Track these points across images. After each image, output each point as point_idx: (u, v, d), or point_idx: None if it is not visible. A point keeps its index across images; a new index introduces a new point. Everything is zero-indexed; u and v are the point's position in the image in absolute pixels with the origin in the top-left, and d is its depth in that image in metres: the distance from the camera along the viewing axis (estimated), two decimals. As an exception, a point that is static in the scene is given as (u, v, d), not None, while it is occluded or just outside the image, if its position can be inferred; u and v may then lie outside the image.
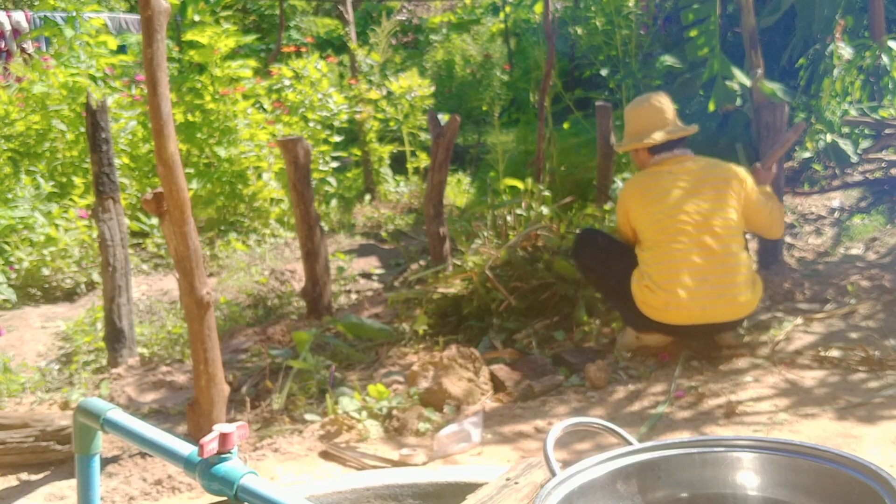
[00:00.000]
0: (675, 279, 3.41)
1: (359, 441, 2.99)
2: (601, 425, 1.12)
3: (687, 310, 3.42)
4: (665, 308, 3.44)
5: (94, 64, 6.61)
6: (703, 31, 5.67)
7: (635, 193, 3.60)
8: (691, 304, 3.40)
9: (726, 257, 3.43)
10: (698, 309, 3.42)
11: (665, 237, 3.47)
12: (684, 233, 3.43)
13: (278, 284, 5.26)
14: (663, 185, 3.55)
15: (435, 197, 4.76)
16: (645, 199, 3.55)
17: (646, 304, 3.48)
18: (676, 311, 3.43)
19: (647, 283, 3.46)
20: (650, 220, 3.52)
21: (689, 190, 3.50)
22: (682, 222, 3.44)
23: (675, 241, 3.44)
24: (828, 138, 5.66)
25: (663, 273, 3.44)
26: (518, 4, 9.89)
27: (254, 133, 6.59)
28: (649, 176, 3.62)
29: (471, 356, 3.46)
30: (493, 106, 8.02)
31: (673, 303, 3.41)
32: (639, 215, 3.56)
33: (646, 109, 3.66)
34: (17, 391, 3.72)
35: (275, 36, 10.64)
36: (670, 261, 3.44)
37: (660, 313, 3.47)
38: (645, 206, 3.55)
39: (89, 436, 1.22)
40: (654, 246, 3.49)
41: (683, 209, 3.46)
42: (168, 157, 2.72)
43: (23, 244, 5.31)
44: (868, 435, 2.72)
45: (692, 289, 3.39)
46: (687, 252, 3.42)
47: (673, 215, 3.46)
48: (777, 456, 0.98)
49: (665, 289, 3.42)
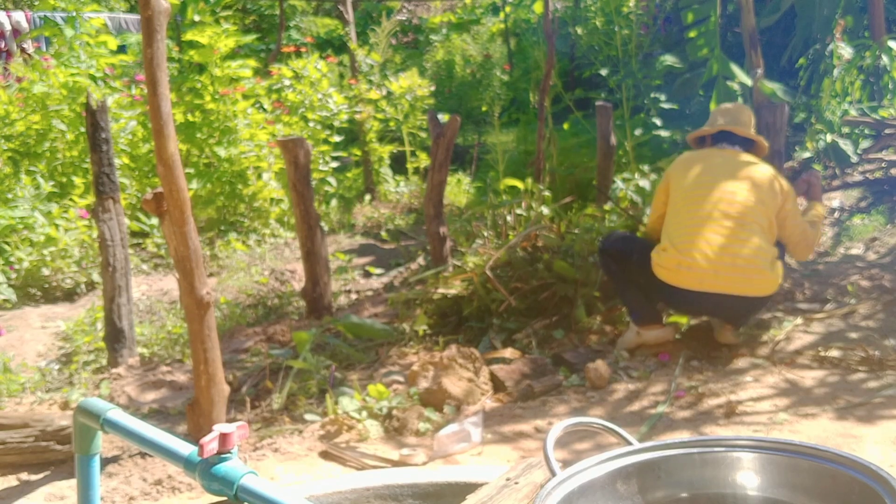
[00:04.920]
0: (693, 243, 3.46)
1: (359, 441, 2.99)
2: (601, 425, 1.12)
3: (699, 272, 3.44)
4: (677, 268, 3.48)
5: (94, 64, 6.61)
6: (702, 31, 5.67)
7: (682, 162, 3.75)
8: (705, 266, 3.43)
9: (747, 240, 3.46)
10: (711, 273, 3.43)
11: (694, 206, 3.55)
12: (714, 206, 3.51)
13: (278, 284, 5.26)
14: (710, 162, 3.67)
15: (435, 197, 4.76)
16: (688, 168, 3.69)
17: (659, 266, 3.53)
18: (688, 273, 3.46)
19: (666, 244, 3.53)
20: (686, 187, 3.62)
21: (732, 174, 3.60)
22: (714, 197, 3.53)
23: (702, 210, 3.52)
24: (828, 138, 5.66)
25: (683, 235, 3.50)
26: (518, 4, 9.90)
27: (254, 133, 6.59)
28: (701, 153, 3.78)
29: (471, 356, 3.46)
30: (493, 106, 8.01)
31: (685, 263, 3.46)
32: (678, 182, 3.67)
33: (727, 107, 3.90)
34: (17, 391, 3.72)
35: (275, 36, 10.64)
36: (693, 226, 3.51)
37: (672, 274, 3.50)
38: (686, 174, 3.67)
39: (89, 436, 1.22)
40: (682, 211, 3.58)
41: (719, 186, 3.55)
42: (168, 157, 2.72)
43: (23, 244, 5.31)
44: (868, 435, 2.72)
45: (708, 254, 3.44)
46: (710, 223, 3.48)
47: (708, 187, 3.56)
48: (777, 456, 0.98)
49: (681, 249, 3.47)
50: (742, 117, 3.79)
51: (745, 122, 3.78)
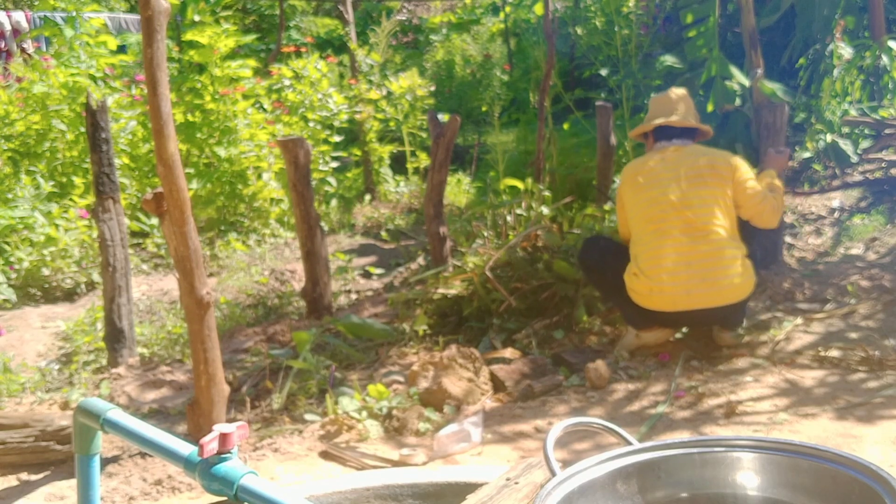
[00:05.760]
0: (658, 265, 3.44)
1: (359, 441, 2.99)
2: (601, 425, 1.12)
3: (671, 295, 3.44)
4: (649, 294, 3.47)
5: (94, 64, 6.61)
6: (702, 31, 5.67)
7: (627, 180, 3.68)
8: (675, 289, 3.42)
9: (709, 242, 3.43)
10: (683, 294, 3.43)
11: (650, 225, 3.52)
12: (666, 220, 3.47)
13: (278, 284, 5.26)
14: (653, 172, 3.59)
15: (435, 197, 4.75)
16: (635, 186, 3.62)
17: (634, 292, 3.52)
18: (660, 297, 3.46)
19: (635, 270, 3.51)
20: (638, 207, 3.58)
21: (676, 177, 3.53)
22: (664, 209, 3.48)
23: (659, 229, 3.48)
24: (828, 138, 5.65)
25: (648, 259, 3.48)
26: (518, 4, 9.89)
27: (254, 133, 6.59)
28: (641, 162, 3.70)
29: (471, 356, 3.46)
30: (493, 106, 8.01)
31: (656, 288, 3.45)
32: (631, 204, 3.63)
33: (660, 98, 3.77)
34: (17, 391, 3.72)
35: (275, 36, 10.63)
36: (654, 247, 3.48)
37: (646, 299, 3.50)
38: (635, 193, 3.61)
39: (89, 436, 1.22)
40: (641, 233, 3.55)
41: (667, 196, 3.50)
42: (168, 157, 2.72)
43: (23, 244, 5.31)
44: (868, 435, 2.72)
45: (675, 273, 3.42)
46: (669, 238, 3.45)
47: (657, 202, 3.51)
48: (777, 456, 0.98)
49: (649, 275, 3.46)
50: (678, 107, 3.67)
51: (681, 111, 3.67)
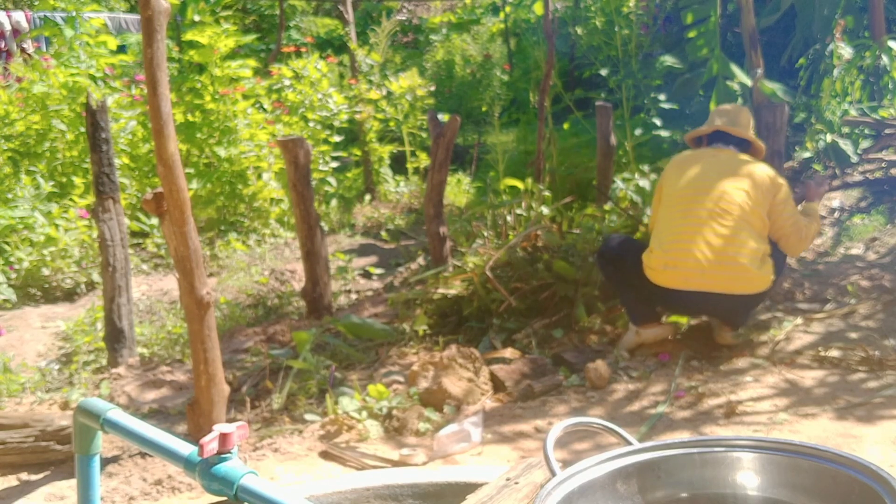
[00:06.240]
0: (679, 239, 3.49)
1: (359, 441, 2.99)
2: (601, 425, 1.12)
3: (685, 272, 3.46)
4: (664, 269, 3.50)
5: (94, 64, 6.61)
6: (702, 31, 5.67)
7: (676, 163, 3.77)
8: (691, 266, 3.45)
9: (734, 238, 3.46)
10: (697, 272, 3.45)
11: (684, 207, 3.58)
12: (704, 206, 3.52)
13: (278, 284, 5.26)
14: (704, 162, 3.69)
15: (435, 197, 4.75)
16: (682, 169, 3.71)
17: (648, 268, 3.56)
18: (674, 273, 3.48)
19: (654, 245, 3.56)
20: (679, 188, 3.64)
21: (724, 173, 3.60)
22: (705, 197, 3.54)
23: (690, 210, 3.54)
24: (828, 138, 5.65)
25: (671, 236, 3.53)
26: (518, 4, 9.89)
27: (254, 133, 6.59)
28: (696, 154, 3.79)
29: (471, 356, 3.46)
30: (493, 106, 8.01)
31: (671, 262, 3.48)
32: (672, 183, 3.69)
33: (724, 107, 3.94)
34: (17, 391, 3.72)
35: (275, 36, 10.63)
36: (680, 226, 3.53)
37: (659, 275, 3.52)
38: (680, 175, 3.69)
39: (89, 436, 1.22)
40: (673, 212, 3.60)
41: (711, 186, 3.56)
42: (168, 157, 2.72)
43: (23, 244, 5.31)
44: (868, 435, 2.72)
45: (694, 253, 3.45)
46: (698, 220, 3.50)
47: (700, 188, 3.58)
48: (777, 456, 0.98)
49: (666, 248, 3.51)
50: (740, 119, 3.79)
51: (743, 124, 3.78)
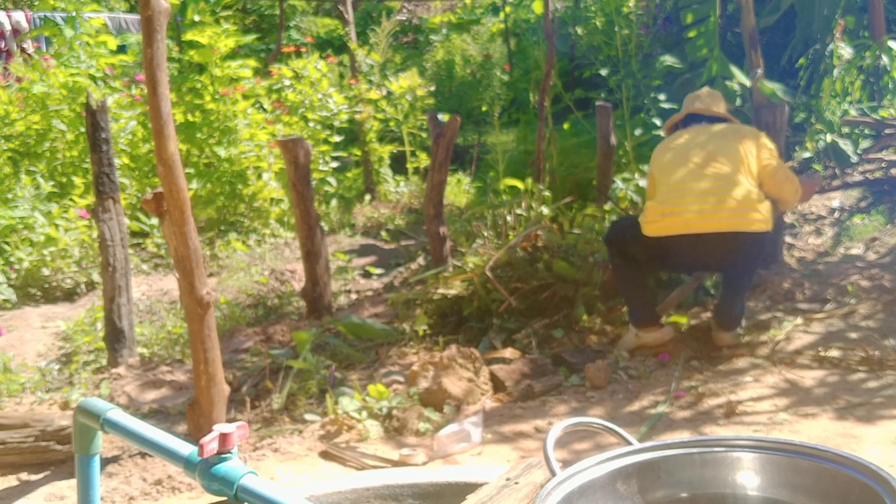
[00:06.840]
0: (676, 191, 3.58)
1: (359, 441, 2.99)
2: (601, 425, 1.12)
3: (683, 216, 3.52)
4: (661, 218, 3.56)
5: (94, 64, 6.61)
6: (702, 31, 5.67)
7: (659, 147, 3.85)
8: (690, 208, 3.51)
9: (730, 182, 3.52)
10: (696, 214, 3.50)
11: (673, 167, 3.67)
12: (692, 160, 3.63)
13: (278, 284, 5.26)
14: (685, 138, 3.79)
15: (435, 197, 4.75)
16: (665, 148, 3.81)
17: (646, 223, 3.60)
18: (672, 219, 3.54)
19: (650, 202, 3.66)
20: (667, 161, 3.72)
21: (709, 137, 3.72)
22: (692, 153, 3.65)
23: (685, 170, 3.63)
24: (828, 138, 5.65)
25: (667, 192, 3.61)
26: (518, 4, 9.89)
27: (254, 133, 6.59)
28: (674, 135, 3.89)
29: (471, 356, 3.46)
30: (493, 106, 8.01)
31: (668, 210, 3.55)
32: (659, 162, 3.75)
33: (694, 94, 4.05)
34: (17, 391, 3.72)
35: (275, 36, 10.63)
36: (676, 182, 3.61)
37: (657, 225, 3.56)
38: (665, 154, 3.77)
39: (89, 436, 1.22)
40: (668, 177, 3.66)
41: (696, 147, 3.67)
42: (168, 157, 2.72)
43: (23, 244, 5.31)
44: (868, 435, 2.72)
45: (691, 199, 3.54)
46: (693, 176, 3.59)
47: (685, 153, 3.68)
48: (777, 456, 0.98)
49: (663, 201, 3.59)
50: (713, 100, 3.93)
51: (707, 102, 3.92)
